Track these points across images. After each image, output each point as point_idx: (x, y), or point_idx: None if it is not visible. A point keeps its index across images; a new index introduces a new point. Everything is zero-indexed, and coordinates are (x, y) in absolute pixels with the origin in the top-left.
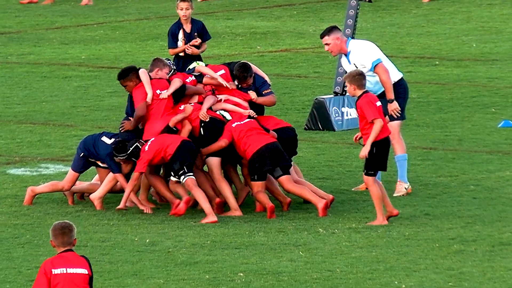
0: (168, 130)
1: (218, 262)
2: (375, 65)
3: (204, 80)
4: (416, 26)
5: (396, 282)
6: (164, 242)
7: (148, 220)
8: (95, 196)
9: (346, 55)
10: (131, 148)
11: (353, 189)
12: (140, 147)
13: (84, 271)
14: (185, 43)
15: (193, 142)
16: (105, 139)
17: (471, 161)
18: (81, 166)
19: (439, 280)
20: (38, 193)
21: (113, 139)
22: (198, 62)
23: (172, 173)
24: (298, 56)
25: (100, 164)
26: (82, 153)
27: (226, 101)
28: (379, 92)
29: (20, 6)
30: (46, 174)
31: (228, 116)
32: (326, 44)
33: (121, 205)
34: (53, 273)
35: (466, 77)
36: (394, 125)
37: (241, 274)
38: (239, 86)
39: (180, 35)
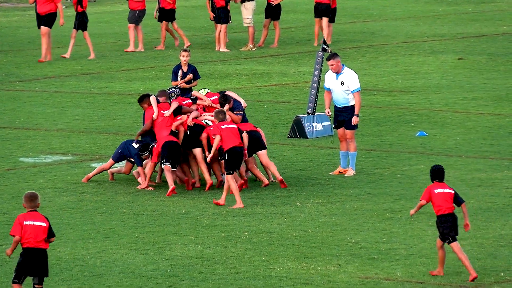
0: (172, 132)
1: (230, 225)
2: (357, 91)
3: (198, 102)
4: (362, 69)
5: (348, 238)
6: (194, 211)
7: (184, 197)
8: (143, 187)
9: (338, 74)
10: (150, 148)
11: (330, 173)
12: (155, 146)
13: (44, 224)
14: (182, 79)
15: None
16: (134, 144)
17: (398, 158)
18: (117, 158)
19: (377, 237)
20: (95, 174)
21: (137, 145)
22: (205, 89)
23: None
24: (283, 88)
25: (130, 159)
26: (121, 151)
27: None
28: (342, 106)
29: (99, 54)
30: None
31: (209, 123)
32: (331, 64)
33: (144, 185)
34: (24, 223)
35: (395, 103)
36: (351, 132)
37: (246, 233)
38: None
39: (179, 73)
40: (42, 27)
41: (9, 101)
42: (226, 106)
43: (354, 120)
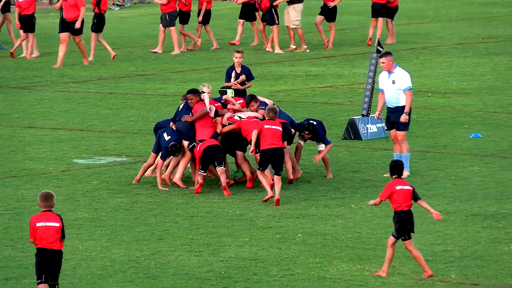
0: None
1: (284, 227)
2: (408, 89)
3: (228, 106)
4: (416, 70)
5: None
6: (248, 213)
7: (238, 198)
8: (177, 178)
9: (390, 73)
10: (190, 146)
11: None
12: (196, 145)
13: (57, 224)
14: (235, 80)
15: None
16: (165, 136)
17: (452, 160)
18: (157, 149)
19: (431, 239)
20: (142, 174)
21: (169, 137)
22: (232, 92)
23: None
24: (338, 90)
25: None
26: (157, 141)
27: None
28: (393, 106)
29: (154, 56)
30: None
31: (243, 116)
32: (383, 62)
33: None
34: (36, 225)
35: (449, 104)
36: (402, 133)
37: (300, 235)
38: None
39: (233, 74)
40: (74, 36)
41: (63, 102)
42: (254, 105)
43: (403, 117)
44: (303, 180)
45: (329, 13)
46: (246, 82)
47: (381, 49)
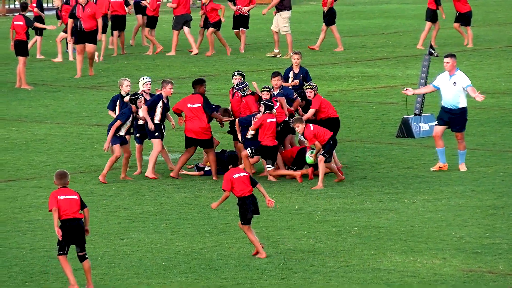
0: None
1: (340, 220)
2: (469, 86)
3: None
4: (466, 72)
5: (453, 233)
6: (306, 207)
7: (296, 193)
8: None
9: (451, 75)
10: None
11: (431, 169)
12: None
13: (75, 196)
14: (293, 81)
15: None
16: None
17: (501, 157)
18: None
19: (480, 232)
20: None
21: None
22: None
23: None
24: (392, 90)
25: None
26: None
27: None
28: (451, 107)
29: (216, 57)
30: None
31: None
32: (447, 62)
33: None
34: (58, 198)
35: (498, 104)
36: (461, 134)
37: (355, 228)
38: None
39: (290, 74)
40: (88, 44)
41: None
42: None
43: (481, 97)
44: (358, 176)
45: (327, 18)
46: (304, 83)
47: (433, 51)
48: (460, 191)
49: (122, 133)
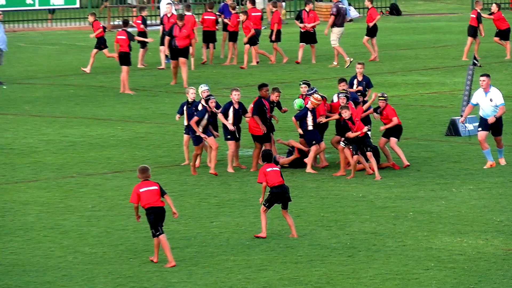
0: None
1: (398, 207)
2: (502, 105)
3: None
4: (505, 80)
5: (494, 218)
6: (369, 195)
7: (360, 183)
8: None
9: (486, 92)
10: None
11: (484, 167)
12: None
13: (155, 187)
14: (357, 87)
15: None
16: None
17: None
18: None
19: None
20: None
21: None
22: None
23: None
24: (441, 96)
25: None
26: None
27: None
28: (489, 116)
29: (292, 66)
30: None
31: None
32: (483, 80)
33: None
34: (140, 191)
35: None
36: (499, 137)
37: (411, 213)
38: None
39: (355, 82)
40: (180, 58)
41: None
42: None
43: (491, 119)
44: (413, 169)
45: (370, 31)
46: (367, 90)
47: (476, 62)
48: (500, 182)
49: (200, 129)
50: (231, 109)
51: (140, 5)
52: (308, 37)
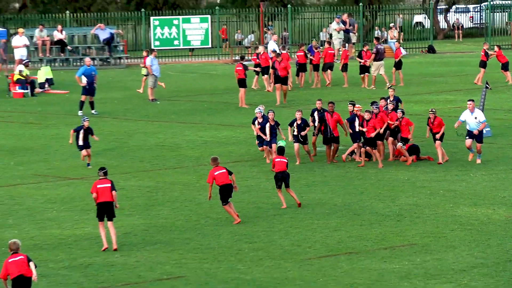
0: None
1: (432, 186)
2: (484, 121)
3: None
4: (507, 99)
5: (499, 194)
6: (412, 178)
7: (406, 170)
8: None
9: (472, 112)
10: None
11: (468, 159)
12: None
13: (224, 170)
14: (389, 104)
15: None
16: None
17: None
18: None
19: None
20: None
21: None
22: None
23: None
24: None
25: None
26: None
27: None
28: (474, 130)
29: (357, 89)
30: None
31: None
32: (469, 104)
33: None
34: (215, 174)
35: None
36: (480, 144)
37: (441, 191)
38: None
39: (388, 100)
40: (282, 85)
41: None
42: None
43: (476, 132)
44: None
45: (397, 64)
46: (399, 103)
47: (488, 86)
48: (503, 169)
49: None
50: (267, 125)
51: (253, 45)
52: (365, 69)
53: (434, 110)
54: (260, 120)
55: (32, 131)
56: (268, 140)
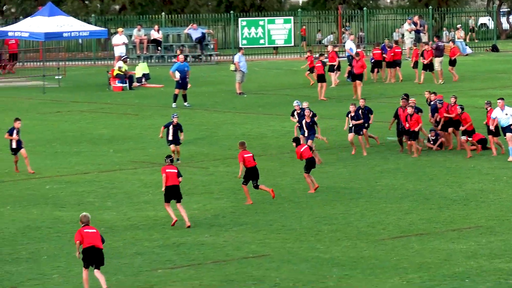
0: None
1: (496, 173)
2: None
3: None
4: None
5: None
6: (478, 166)
7: (473, 159)
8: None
9: (503, 109)
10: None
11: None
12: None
13: (251, 154)
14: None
15: None
16: None
17: None
18: None
19: None
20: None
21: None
22: None
23: None
24: None
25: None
26: None
27: None
28: (506, 125)
29: (415, 84)
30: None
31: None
32: (499, 102)
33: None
34: (244, 156)
35: None
36: (510, 135)
37: (504, 177)
38: None
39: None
40: (357, 81)
41: (380, 108)
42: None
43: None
44: (506, 150)
45: (452, 62)
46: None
47: None
48: None
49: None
50: (303, 121)
51: (331, 44)
52: (428, 66)
53: (489, 102)
54: (299, 111)
55: (130, 121)
56: (306, 135)
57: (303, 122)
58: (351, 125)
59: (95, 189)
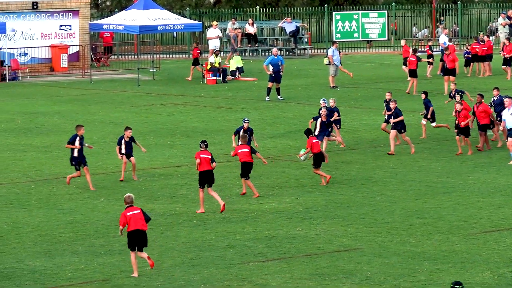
0: None
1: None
2: None
3: None
4: None
5: None
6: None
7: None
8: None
9: (509, 108)
10: None
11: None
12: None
13: (248, 149)
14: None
15: None
16: None
17: None
18: None
19: None
20: None
21: None
22: None
23: None
24: None
25: None
26: None
27: None
28: (510, 127)
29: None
30: None
31: None
32: (506, 100)
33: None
34: (238, 151)
35: None
36: None
37: None
38: None
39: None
40: (451, 76)
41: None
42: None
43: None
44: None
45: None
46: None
47: None
48: None
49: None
50: (319, 120)
51: (427, 38)
52: (506, 62)
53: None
54: (324, 110)
55: (223, 114)
56: (316, 134)
57: (318, 120)
58: (386, 117)
59: (188, 182)
